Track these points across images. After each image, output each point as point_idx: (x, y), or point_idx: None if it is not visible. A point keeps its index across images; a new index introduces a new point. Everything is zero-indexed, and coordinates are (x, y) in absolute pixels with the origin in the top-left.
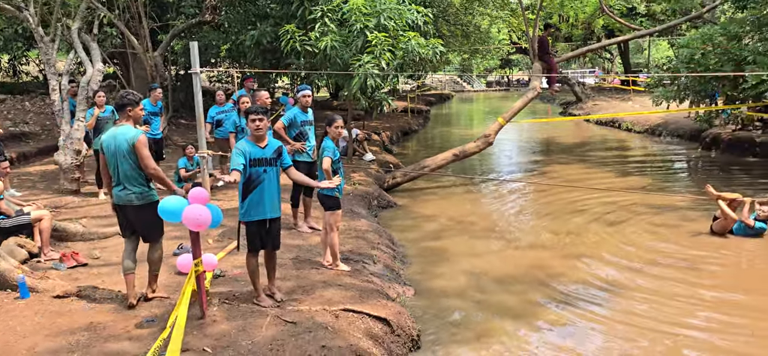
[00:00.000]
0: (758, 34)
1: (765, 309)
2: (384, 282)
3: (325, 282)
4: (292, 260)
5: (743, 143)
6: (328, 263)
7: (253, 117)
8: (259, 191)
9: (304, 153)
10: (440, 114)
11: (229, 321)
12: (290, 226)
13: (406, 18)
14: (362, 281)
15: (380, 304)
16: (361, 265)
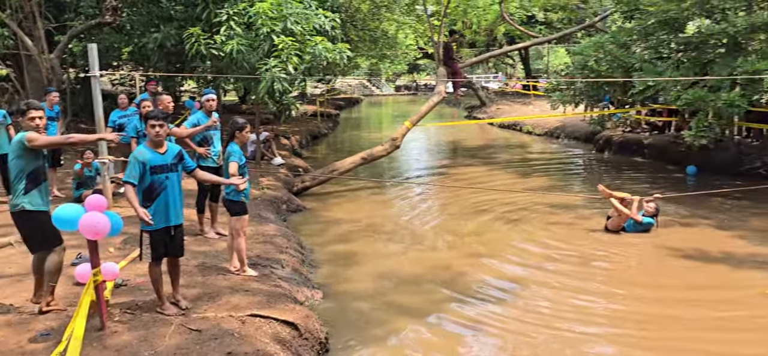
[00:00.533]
0: (644, 43)
1: (653, 304)
2: (292, 286)
3: (232, 287)
4: (197, 267)
5: (632, 144)
6: (235, 269)
7: (153, 122)
8: (163, 198)
9: (208, 158)
10: (350, 118)
11: (130, 332)
12: (196, 232)
13: (313, 23)
14: (270, 286)
15: (288, 308)
16: (269, 270)
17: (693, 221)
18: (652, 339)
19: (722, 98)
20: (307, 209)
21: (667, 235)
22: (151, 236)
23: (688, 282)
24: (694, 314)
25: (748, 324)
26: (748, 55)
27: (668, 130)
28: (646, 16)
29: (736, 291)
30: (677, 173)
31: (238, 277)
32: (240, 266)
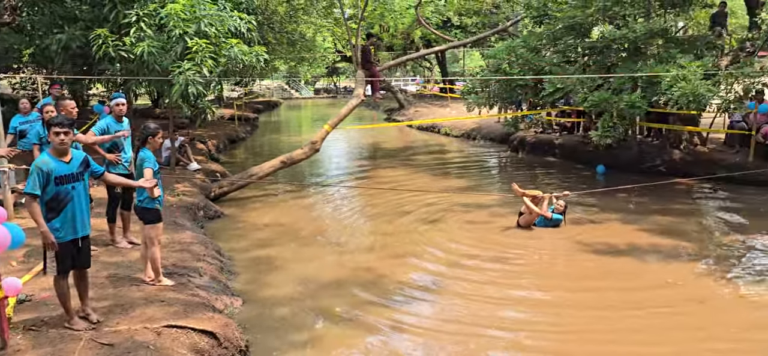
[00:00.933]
0: (553, 47)
1: (567, 299)
2: (210, 294)
3: (147, 298)
4: (108, 279)
5: (544, 144)
6: (149, 279)
7: (57, 129)
8: (69, 209)
9: (119, 165)
10: (269, 122)
11: (35, 349)
12: (107, 242)
13: (228, 25)
14: (187, 295)
15: (206, 317)
16: (186, 279)
17: (600, 217)
18: (567, 334)
19: (624, 99)
20: (226, 215)
21: (577, 231)
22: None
23: (597, 275)
24: (606, 306)
25: (657, 312)
26: (647, 59)
27: (577, 130)
28: (555, 22)
29: (643, 281)
30: (586, 171)
31: (153, 287)
32: (155, 276)
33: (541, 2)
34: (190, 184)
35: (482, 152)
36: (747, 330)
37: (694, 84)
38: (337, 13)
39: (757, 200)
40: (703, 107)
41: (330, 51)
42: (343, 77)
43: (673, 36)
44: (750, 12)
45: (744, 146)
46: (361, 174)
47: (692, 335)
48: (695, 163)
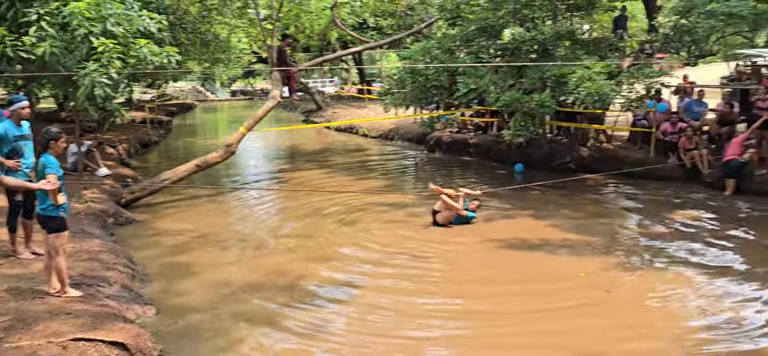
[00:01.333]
0: (467, 48)
1: (483, 295)
2: (121, 304)
3: (52, 311)
4: (9, 292)
5: (460, 144)
6: (55, 291)
7: None
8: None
9: (19, 172)
10: (183, 124)
11: None
12: (8, 253)
13: (137, 24)
14: (96, 306)
15: (116, 328)
16: (94, 289)
17: (513, 213)
18: (483, 329)
19: (535, 99)
20: (138, 222)
21: (492, 227)
22: None
23: (511, 271)
24: (520, 300)
25: (569, 304)
26: (555, 60)
27: (491, 130)
28: (467, 24)
29: (556, 274)
30: (500, 170)
31: (59, 299)
32: (60, 287)
33: (454, 4)
34: (99, 190)
35: (400, 152)
36: (653, 316)
37: (599, 84)
38: (252, 14)
39: (658, 193)
40: (607, 105)
41: (245, 52)
42: (259, 79)
43: (579, 38)
44: (649, 16)
45: (645, 143)
46: (279, 177)
47: (603, 325)
48: (601, 159)
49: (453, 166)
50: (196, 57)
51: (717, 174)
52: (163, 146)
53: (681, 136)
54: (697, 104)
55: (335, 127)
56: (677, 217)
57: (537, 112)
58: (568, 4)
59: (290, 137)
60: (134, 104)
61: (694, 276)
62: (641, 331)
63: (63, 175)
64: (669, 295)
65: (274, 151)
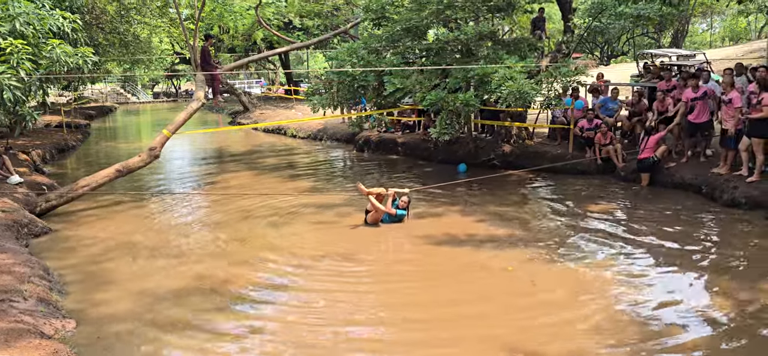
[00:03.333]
0: (393, 49)
1: (415, 292)
2: (37, 318)
3: None
4: None
5: (389, 143)
6: None
7: None
8: None
9: None
10: (103, 128)
11: None
12: None
13: (48, 24)
14: (9, 322)
15: (33, 345)
16: (7, 304)
17: (441, 210)
18: (412, 330)
19: (459, 98)
20: (54, 231)
21: (421, 225)
22: None
23: (440, 268)
24: (449, 297)
25: (497, 297)
26: (478, 60)
27: (418, 129)
28: (393, 24)
29: (482, 269)
30: (428, 168)
31: None
32: None
33: (379, 5)
34: (10, 199)
35: (329, 152)
36: (576, 306)
37: (520, 83)
38: (173, 13)
39: (577, 186)
40: (528, 103)
41: (168, 52)
42: (183, 80)
43: (501, 38)
44: (564, 17)
45: (564, 139)
46: (205, 180)
47: (531, 316)
48: (524, 156)
49: (382, 165)
50: (115, 58)
51: (630, 168)
52: (82, 151)
53: (597, 132)
54: (611, 101)
55: (263, 128)
56: (595, 209)
57: (462, 110)
58: (489, 5)
59: (217, 140)
60: (49, 108)
61: (614, 266)
62: (568, 317)
63: None
64: (591, 285)
65: (200, 154)
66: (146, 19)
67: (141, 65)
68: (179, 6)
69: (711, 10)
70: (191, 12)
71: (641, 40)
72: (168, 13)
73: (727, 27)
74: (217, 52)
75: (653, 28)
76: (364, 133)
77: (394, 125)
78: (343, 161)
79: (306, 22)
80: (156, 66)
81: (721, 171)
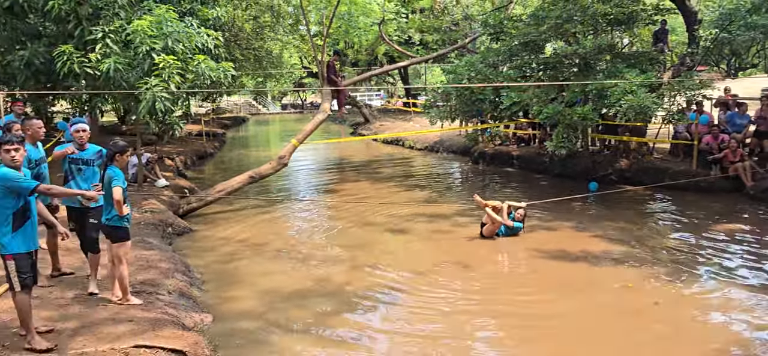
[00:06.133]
0: (510, 63)
1: (531, 304)
2: (180, 311)
3: (114, 318)
4: (74, 298)
5: (504, 156)
6: (117, 299)
7: (7, 147)
8: (30, 220)
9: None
10: (237, 137)
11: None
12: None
13: (195, 41)
14: (156, 313)
15: (175, 335)
16: (154, 297)
17: (555, 225)
18: (533, 342)
19: (577, 111)
20: (194, 231)
21: (535, 239)
22: (17, 263)
23: (558, 281)
24: (568, 309)
25: (618, 317)
26: (596, 73)
27: (534, 142)
28: (510, 39)
29: (600, 285)
30: (543, 181)
31: (121, 307)
32: (122, 295)
33: (498, 20)
34: (157, 201)
35: (445, 164)
36: (697, 331)
37: (640, 97)
38: (303, 30)
39: (700, 205)
40: (648, 118)
41: (296, 67)
42: (309, 92)
43: (620, 51)
44: (688, 29)
45: (687, 155)
46: (328, 187)
47: (653, 336)
48: (643, 171)
49: (496, 177)
50: (249, 72)
51: (761, 187)
52: (218, 158)
53: (725, 148)
54: (739, 116)
55: (382, 139)
56: (720, 228)
57: (579, 124)
58: (608, 18)
59: (339, 149)
60: (191, 117)
61: (738, 290)
62: (688, 341)
63: (127, 187)
64: (712, 308)
65: (323, 162)
66: (279, 36)
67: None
68: (309, 23)
69: None
70: (319, 28)
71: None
72: (298, 30)
73: None
74: (342, 66)
75: None
76: (479, 145)
77: (509, 139)
78: (458, 172)
79: (426, 38)
80: (285, 80)
81: None
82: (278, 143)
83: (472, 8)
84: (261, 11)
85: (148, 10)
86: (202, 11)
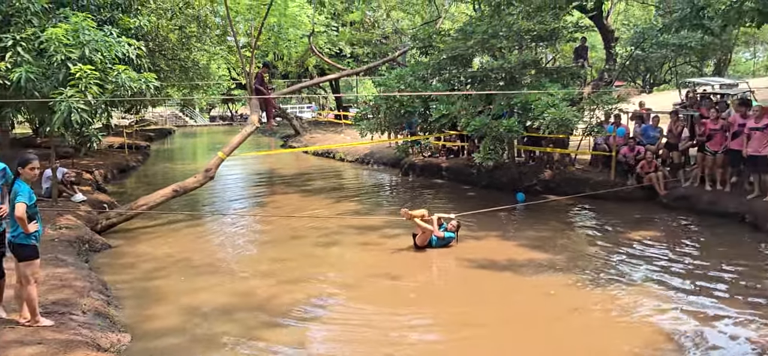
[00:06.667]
0: (439, 76)
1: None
2: (95, 331)
3: (22, 341)
4: None
5: (433, 167)
6: (25, 321)
7: None
8: None
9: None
10: (162, 149)
11: None
12: None
13: (115, 50)
14: (69, 334)
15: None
16: (67, 317)
17: (482, 235)
18: (460, 348)
19: (503, 124)
20: (114, 248)
21: (463, 249)
22: None
23: (484, 290)
24: (494, 318)
25: (539, 322)
26: (521, 87)
27: (462, 154)
28: (439, 53)
29: (525, 293)
30: (471, 192)
31: (30, 328)
32: (31, 316)
33: (427, 34)
34: (74, 216)
35: (375, 175)
36: (615, 332)
37: (562, 110)
38: (231, 41)
39: (618, 213)
40: (570, 130)
41: (225, 78)
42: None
43: (543, 67)
44: (606, 46)
45: (606, 166)
46: (257, 201)
47: (572, 341)
48: (566, 182)
49: (426, 189)
50: (175, 83)
51: (673, 195)
52: (141, 172)
53: (641, 159)
54: (652, 129)
55: (313, 151)
56: (636, 236)
57: (505, 136)
58: (532, 35)
59: (269, 162)
60: (112, 130)
61: (652, 292)
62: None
63: (36, 202)
64: (629, 310)
65: (252, 175)
66: (206, 47)
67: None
68: (237, 34)
69: (755, 39)
70: (248, 40)
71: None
72: (226, 41)
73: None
74: (272, 78)
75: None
76: (409, 157)
77: (438, 150)
78: (388, 184)
79: (356, 50)
80: (213, 91)
81: (758, 197)
82: (205, 156)
83: (402, 22)
84: (187, 21)
85: (64, 17)
86: (124, 20)
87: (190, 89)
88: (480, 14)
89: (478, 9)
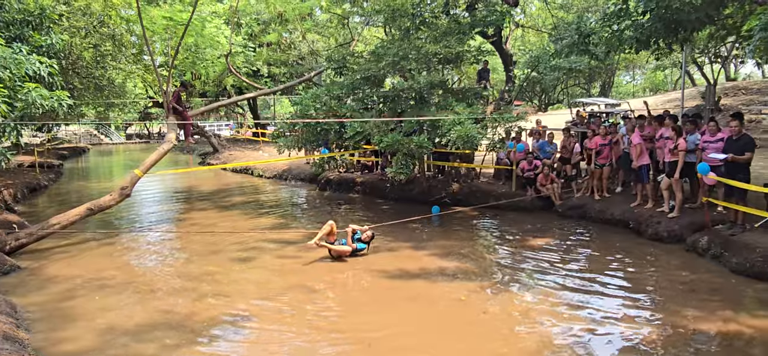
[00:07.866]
0: (353, 96)
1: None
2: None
3: None
4: None
5: (349, 182)
6: None
7: None
8: None
9: None
10: (76, 168)
11: None
12: None
13: (25, 68)
14: None
15: None
16: None
17: (396, 245)
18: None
19: (414, 141)
20: (23, 269)
21: (378, 259)
22: None
23: (398, 298)
24: (408, 325)
25: (454, 326)
26: (430, 106)
27: (376, 169)
28: (353, 73)
29: (437, 300)
30: (384, 205)
31: None
32: None
33: (341, 56)
34: None
35: (293, 191)
36: (519, 334)
37: (467, 127)
38: (148, 61)
39: (519, 222)
40: (475, 146)
41: (141, 96)
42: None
43: (450, 87)
44: (506, 69)
45: (508, 178)
46: (175, 218)
47: (482, 344)
48: (472, 194)
49: (342, 202)
50: (90, 101)
51: (567, 205)
52: (54, 191)
53: (538, 173)
54: (548, 144)
55: (231, 168)
56: (536, 243)
57: (416, 152)
58: (439, 57)
59: (187, 179)
60: (22, 148)
61: (549, 294)
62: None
63: None
64: (531, 312)
65: (171, 193)
66: (121, 65)
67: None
68: (154, 53)
69: (633, 64)
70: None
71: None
72: (142, 59)
73: (648, 79)
74: (189, 96)
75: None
76: (325, 173)
77: (353, 166)
78: (306, 199)
79: (273, 70)
80: (130, 109)
81: (639, 205)
82: (121, 174)
83: (318, 44)
84: (102, 40)
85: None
86: (34, 37)
87: (105, 108)
88: (391, 38)
89: (389, 33)
